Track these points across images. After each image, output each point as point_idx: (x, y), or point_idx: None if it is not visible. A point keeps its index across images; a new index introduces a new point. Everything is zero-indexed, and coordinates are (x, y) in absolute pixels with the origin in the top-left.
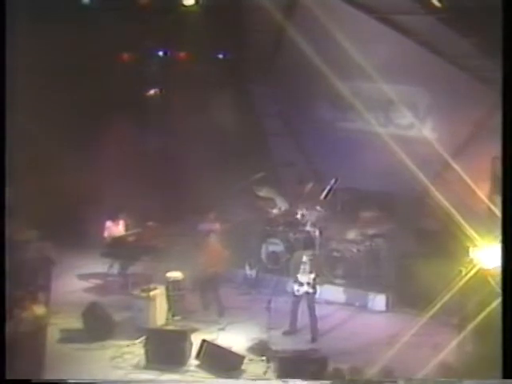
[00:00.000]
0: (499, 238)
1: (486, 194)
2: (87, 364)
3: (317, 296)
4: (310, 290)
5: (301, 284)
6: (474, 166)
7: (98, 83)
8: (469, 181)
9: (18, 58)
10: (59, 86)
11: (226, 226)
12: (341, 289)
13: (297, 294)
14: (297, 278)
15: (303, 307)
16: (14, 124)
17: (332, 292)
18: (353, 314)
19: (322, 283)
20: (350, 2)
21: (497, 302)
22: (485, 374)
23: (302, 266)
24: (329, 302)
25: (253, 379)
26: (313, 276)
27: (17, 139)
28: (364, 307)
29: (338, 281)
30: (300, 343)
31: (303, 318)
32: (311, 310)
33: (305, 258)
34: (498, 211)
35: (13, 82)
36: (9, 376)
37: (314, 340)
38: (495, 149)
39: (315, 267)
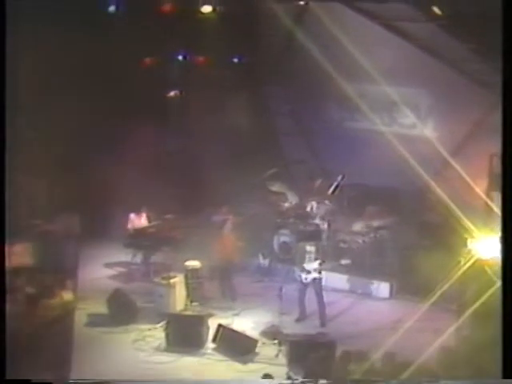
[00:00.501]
0: (495, 230)
1: (483, 190)
2: (112, 346)
3: (324, 284)
4: (317, 276)
5: (308, 272)
6: (472, 163)
7: (124, 86)
8: (467, 177)
9: (53, 62)
10: (89, 89)
11: (241, 219)
12: (347, 277)
13: (305, 281)
14: (303, 267)
15: (311, 294)
16: (50, 124)
17: (339, 280)
18: (358, 300)
19: (327, 269)
20: (356, 10)
21: (493, 290)
22: (481, 356)
23: (307, 256)
24: (336, 290)
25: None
26: (318, 262)
27: (51, 138)
28: (369, 294)
29: (344, 270)
30: (309, 328)
31: (312, 304)
32: (319, 296)
33: (309, 248)
34: (494, 206)
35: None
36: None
37: (322, 325)
38: (492, 147)
39: (320, 254)
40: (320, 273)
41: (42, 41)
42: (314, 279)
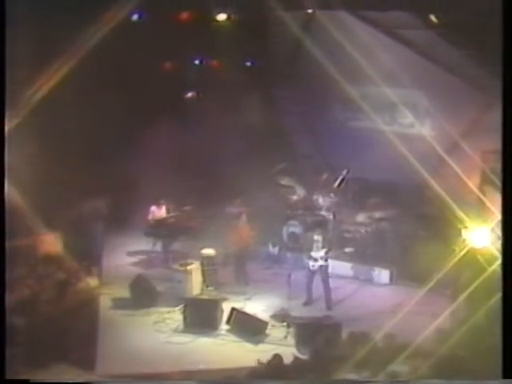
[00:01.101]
0: (487, 222)
1: (476, 185)
2: (134, 328)
3: (330, 271)
4: (324, 263)
5: (315, 260)
6: (466, 160)
7: (146, 88)
8: (461, 173)
9: (88, 66)
10: (116, 91)
11: (253, 210)
12: (351, 265)
13: (312, 268)
14: (311, 255)
15: (317, 281)
16: (82, 118)
17: (343, 267)
18: (361, 286)
19: (333, 257)
20: (359, 18)
21: (484, 276)
22: (474, 336)
23: (314, 244)
24: (340, 276)
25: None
26: (325, 251)
27: (80, 135)
28: (371, 280)
29: (348, 257)
30: (316, 311)
31: (318, 290)
32: (325, 282)
33: (316, 237)
34: (486, 200)
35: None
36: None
37: (328, 308)
38: (484, 145)
39: (327, 243)
40: (326, 260)
41: (78, 45)
42: (321, 266)
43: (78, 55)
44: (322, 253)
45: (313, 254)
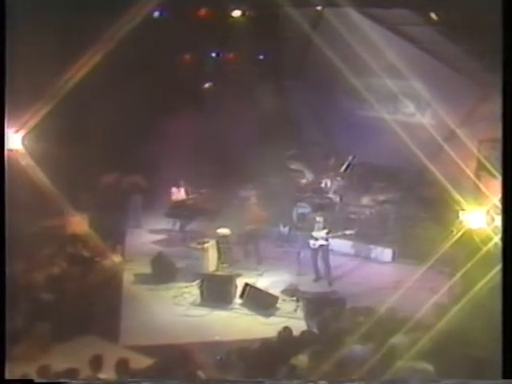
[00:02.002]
0: (482, 204)
1: (472, 170)
2: (154, 301)
3: (336, 249)
4: (324, 243)
5: (316, 239)
6: (463, 147)
7: (166, 79)
8: (459, 159)
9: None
10: (139, 82)
11: (265, 193)
12: (356, 244)
13: (313, 247)
14: (312, 234)
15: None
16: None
17: (348, 246)
18: (365, 264)
19: (333, 237)
20: (364, 15)
21: (480, 255)
22: (470, 310)
23: (316, 225)
24: (346, 255)
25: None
26: (325, 231)
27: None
28: (374, 259)
29: (353, 237)
30: (323, 287)
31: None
32: (325, 260)
33: (318, 218)
34: (481, 184)
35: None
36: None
37: (329, 284)
38: (480, 133)
39: (328, 224)
40: (327, 240)
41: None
42: (321, 245)
43: (105, 49)
44: (322, 233)
45: (314, 233)
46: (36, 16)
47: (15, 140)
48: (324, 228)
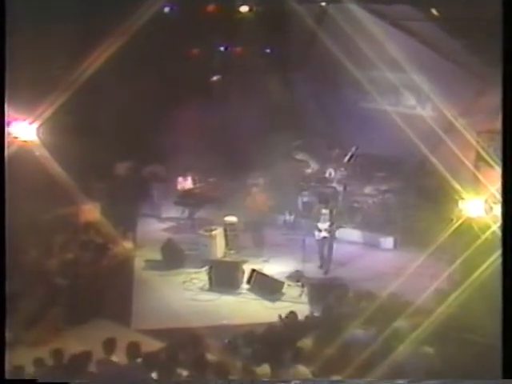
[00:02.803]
0: (481, 194)
1: (471, 161)
2: (164, 286)
3: (340, 237)
4: (327, 235)
5: (320, 230)
6: (463, 138)
7: (176, 72)
8: (458, 150)
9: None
10: (150, 74)
11: (271, 182)
12: (359, 232)
13: (317, 238)
14: (317, 225)
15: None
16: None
17: (352, 234)
18: (368, 251)
19: (337, 229)
20: (367, 10)
21: (479, 243)
22: (469, 296)
23: (321, 217)
24: (349, 242)
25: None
26: (329, 224)
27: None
28: (377, 246)
29: (357, 225)
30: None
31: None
32: (329, 250)
33: (324, 211)
34: (480, 174)
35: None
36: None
37: (325, 273)
38: (479, 125)
39: (333, 217)
40: (330, 232)
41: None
42: (324, 237)
43: (118, 42)
44: (326, 225)
45: (319, 225)
46: (53, 10)
47: (30, 131)
48: (329, 220)
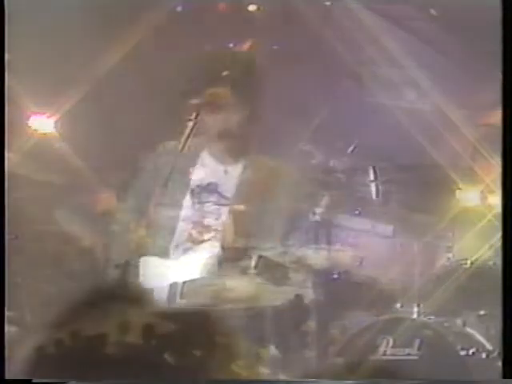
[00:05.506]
0: (477, 184)
1: (468, 154)
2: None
3: (341, 224)
4: (326, 218)
5: (318, 215)
6: (461, 131)
7: (185, 67)
8: (456, 143)
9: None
10: (160, 69)
11: None
12: (360, 219)
13: (315, 222)
14: (315, 211)
15: (335, 234)
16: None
17: (352, 222)
18: (368, 238)
19: (345, 213)
20: (370, 10)
21: (474, 230)
22: (464, 282)
23: (321, 203)
24: (350, 229)
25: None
26: (329, 209)
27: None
28: (377, 234)
29: (357, 214)
30: (329, 258)
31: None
32: (327, 235)
33: (325, 198)
34: (476, 166)
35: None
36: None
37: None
38: (477, 118)
39: (333, 203)
40: (329, 217)
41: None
42: (323, 221)
43: (132, 40)
44: (326, 210)
45: (317, 209)
46: (69, 4)
47: (49, 124)
48: (330, 206)
